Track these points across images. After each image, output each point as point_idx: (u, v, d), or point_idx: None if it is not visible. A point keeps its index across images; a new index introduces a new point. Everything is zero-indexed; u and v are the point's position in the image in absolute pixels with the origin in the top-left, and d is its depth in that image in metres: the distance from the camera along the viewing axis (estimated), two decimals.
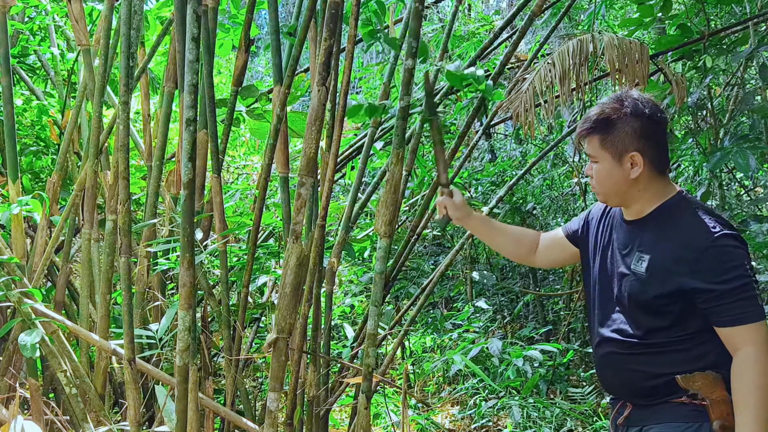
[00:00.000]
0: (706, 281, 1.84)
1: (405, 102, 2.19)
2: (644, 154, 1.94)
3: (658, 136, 1.97)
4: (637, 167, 1.95)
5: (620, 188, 2.00)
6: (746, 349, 1.82)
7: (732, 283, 1.82)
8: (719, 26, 4.21)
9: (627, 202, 2.05)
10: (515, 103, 3.17)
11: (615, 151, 1.96)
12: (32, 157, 4.24)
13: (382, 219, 2.13)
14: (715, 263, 1.84)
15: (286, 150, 3.05)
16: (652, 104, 1.98)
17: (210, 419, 3.03)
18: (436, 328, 5.88)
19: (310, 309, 2.76)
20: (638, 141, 1.94)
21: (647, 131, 1.94)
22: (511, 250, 2.44)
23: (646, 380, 1.99)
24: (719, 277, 1.83)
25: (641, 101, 1.97)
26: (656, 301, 1.93)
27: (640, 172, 1.95)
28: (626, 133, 1.94)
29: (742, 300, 1.82)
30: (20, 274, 3.07)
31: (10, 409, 2.71)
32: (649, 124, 1.94)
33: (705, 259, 1.85)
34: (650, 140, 1.95)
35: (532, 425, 4.45)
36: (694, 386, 1.90)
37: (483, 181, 6.49)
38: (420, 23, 2.12)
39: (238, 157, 6.93)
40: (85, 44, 3.37)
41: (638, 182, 1.97)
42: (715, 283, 1.83)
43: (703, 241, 1.86)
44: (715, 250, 1.84)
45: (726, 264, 1.84)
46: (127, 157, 2.76)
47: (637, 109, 1.95)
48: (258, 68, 12.74)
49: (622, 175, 1.97)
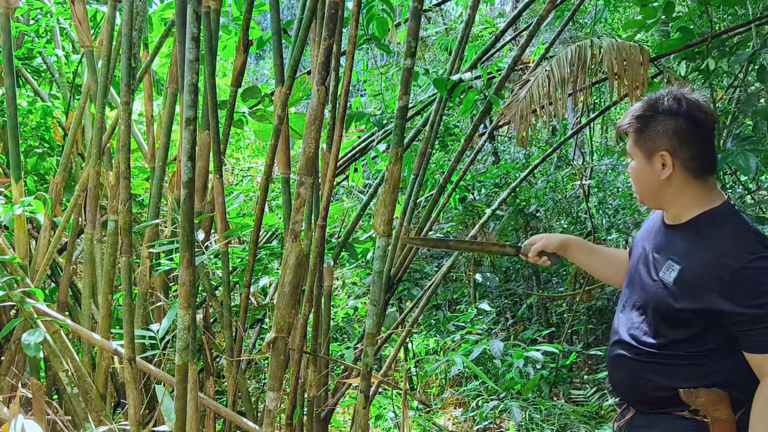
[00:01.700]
0: (738, 304, 1.74)
1: (403, 102, 2.20)
2: (675, 155, 1.85)
3: (696, 137, 1.85)
4: (667, 168, 1.86)
5: (652, 189, 1.92)
6: None
7: (766, 308, 1.71)
8: (722, 28, 4.20)
9: (662, 204, 1.97)
10: (512, 110, 3.17)
11: (646, 149, 1.89)
12: (37, 159, 4.26)
13: (381, 218, 2.14)
14: (750, 285, 1.73)
15: (288, 151, 3.06)
16: (694, 104, 1.86)
17: (211, 419, 3.04)
18: (439, 329, 5.88)
19: (310, 309, 2.77)
20: (670, 140, 1.84)
21: (682, 131, 1.84)
22: (610, 273, 2.32)
23: (653, 390, 1.94)
24: (752, 300, 1.73)
25: (683, 99, 1.86)
26: (680, 315, 1.85)
27: (670, 174, 1.86)
28: (658, 131, 1.86)
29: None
30: (23, 274, 3.08)
31: (10, 408, 2.73)
32: (685, 123, 1.84)
33: (738, 280, 1.74)
34: (685, 141, 1.84)
35: (535, 427, 4.44)
36: (697, 402, 1.85)
37: (486, 183, 6.49)
38: (419, 23, 2.13)
39: (242, 158, 6.95)
40: (89, 46, 3.39)
41: (670, 185, 1.89)
42: (747, 306, 1.73)
43: (738, 260, 1.75)
44: (750, 272, 1.73)
45: (761, 287, 1.73)
46: (128, 157, 2.77)
47: (675, 107, 1.85)
48: (264, 71, 12.78)
49: (652, 176, 1.89)
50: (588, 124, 5.36)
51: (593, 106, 6.26)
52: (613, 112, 7.62)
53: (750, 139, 3.67)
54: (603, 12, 5.34)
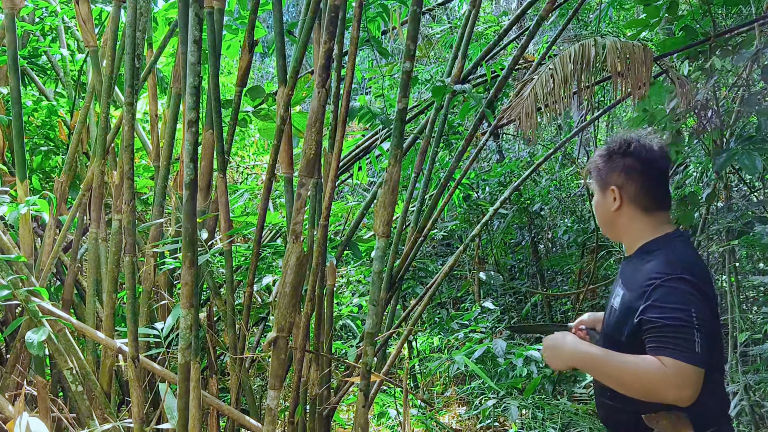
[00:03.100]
0: (647, 311, 1.88)
1: (403, 104, 2.21)
2: (623, 190, 2.08)
3: (642, 175, 2.07)
4: (616, 201, 2.09)
5: (607, 220, 2.17)
6: (662, 362, 1.83)
7: (674, 321, 1.83)
8: (726, 27, 4.19)
9: (618, 235, 2.18)
10: (516, 109, 3.18)
11: (601, 184, 2.14)
12: (42, 157, 4.29)
13: (381, 219, 2.15)
14: (661, 299, 1.87)
15: (291, 150, 3.07)
16: (645, 147, 2.09)
17: (214, 417, 3.06)
18: (443, 328, 5.89)
19: (312, 308, 2.78)
20: (619, 176, 2.08)
21: (629, 168, 2.07)
22: None
23: (619, 413, 2.05)
24: (663, 313, 1.86)
25: (635, 142, 2.10)
26: (623, 339, 1.99)
27: (619, 206, 2.09)
28: (611, 168, 2.10)
29: (679, 338, 1.82)
30: (28, 273, 3.11)
31: (16, 405, 2.75)
32: (633, 163, 2.07)
33: (655, 294, 1.89)
34: (631, 178, 2.07)
35: (538, 426, 4.45)
36: (658, 426, 1.94)
37: (491, 182, 6.49)
38: (418, 27, 2.14)
39: (247, 157, 6.97)
40: (93, 45, 3.40)
41: (620, 216, 2.11)
42: (655, 315, 1.87)
43: (659, 278, 1.91)
44: (664, 289, 1.89)
45: (673, 303, 1.86)
46: (132, 157, 2.79)
47: (626, 148, 2.09)
48: (269, 69, 12.78)
49: (606, 207, 2.13)
50: (592, 122, 5.36)
51: (598, 104, 6.25)
52: (619, 110, 7.60)
53: (754, 139, 3.67)
54: (607, 10, 5.32)
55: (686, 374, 1.78)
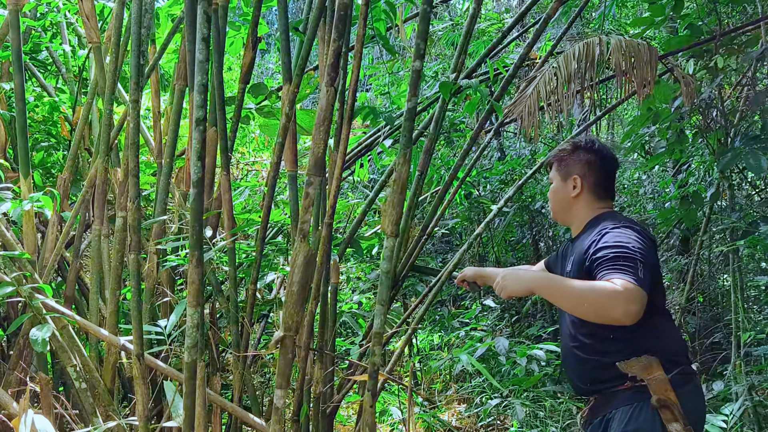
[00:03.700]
0: (598, 252, 2.14)
1: (412, 103, 2.20)
2: (585, 179, 2.43)
3: (601, 170, 2.44)
4: (576, 189, 2.43)
5: (563, 205, 2.49)
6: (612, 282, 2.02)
7: (621, 252, 2.10)
8: (731, 26, 4.18)
9: (569, 219, 2.51)
10: (519, 107, 3.18)
11: (564, 173, 2.47)
12: (44, 153, 4.27)
13: (389, 218, 2.14)
14: (609, 240, 2.15)
15: (295, 148, 3.06)
16: (605, 147, 2.50)
17: (217, 415, 3.05)
18: (443, 326, 5.89)
19: (317, 306, 2.77)
20: (582, 168, 2.44)
21: (591, 162, 2.44)
22: None
23: (596, 368, 2.26)
24: (610, 249, 2.12)
25: (597, 142, 2.50)
26: None
27: (578, 193, 2.43)
28: (574, 160, 2.46)
29: (626, 264, 2.06)
30: (31, 269, 3.09)
31: (20, 402, 2.74)
32: (595, 158, 2.44)
33: (601, 239, 2.18)
34: (592, 170, 2.43)
35: (539, 424, 4.45)
36: (632, 370, 2.14)
37: (492, 180, 6.48)
38: (428, 25, 2.13)
39: (247, 153, 6.95)
40: (96, 41, 3.39)
41: (577, 202, 2.45)
42: (604, 251, 2.13)
43: (605, 227, 2.24)
44: (610, 234, 2.18)
45: (616, 241, 2.14)
46: (137, 154, 2.77)
47: (590, 146, 2.46)
48: (269, 65, 12.76)
49: (565, 194, 2.47)
50: (597, 120, 5.35)
51: (599, 103, 6.24)
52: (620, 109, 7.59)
53: (759, 138, 3.67)
54: (611, 8, 5.31)
55: (632, 291, 1.99)
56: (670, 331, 2.28)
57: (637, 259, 2.07)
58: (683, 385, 2.15)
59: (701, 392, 2.29)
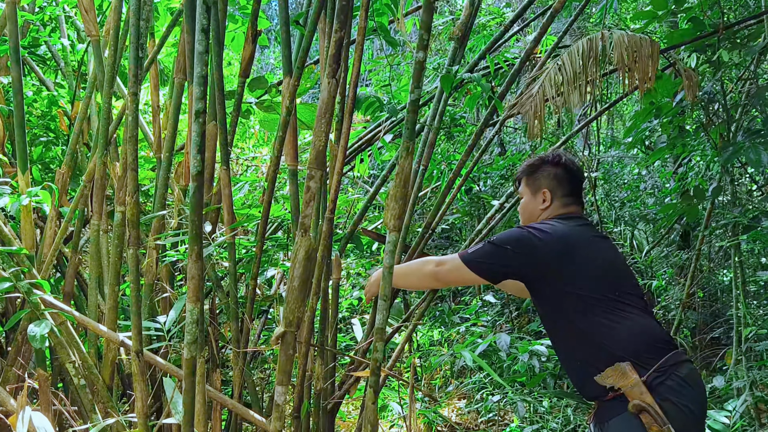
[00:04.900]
0: None
1: (416, 95, 2.17)
2: (554, 193, 2.53)
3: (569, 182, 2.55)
4: (546, 202, 2.54)
5: (533, 217, 2.57)
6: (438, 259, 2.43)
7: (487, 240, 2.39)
8: (733, 20, 4.15)
9: None
10: (525, 106, 3.16)
11: (533, 187, 2.58)
12: (42, 148, 4.24)
13: (391, 213, 2.12)
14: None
15: (296, 142, 3.04)
16: (570, 161, 2.61)
17: (217, 411, 3.03)
18: (443, 321, 5.87)
19: (318, 302, 2.75)
20: (550, 182, 2.55)
21: (560, 176, 2.55)
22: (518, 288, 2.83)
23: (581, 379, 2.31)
24: None
25: (563, 156, 2.60)
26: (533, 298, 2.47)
27: (547, 206, 2.53)
28: (543, 175, 2.57)
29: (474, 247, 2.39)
30: (29, 264, 3.07)
31: (18, 399, 2.72)
32: (563, 172, 2.55)
33: None
34: (562, 183, 2.54)
35: (540, 419, 4.44)
36: (608, 381, 2.17)
37: (492, 175, 6.46)
38: (431, 17, 2.11)
39: (247, 148, 6.92)
40: (95, 35, 3.36)
41: (545, 212, 2.54)
42: None
43: None
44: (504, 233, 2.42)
45: (503, 233, 2.40)
46: (136, 149, 2.75)
47: (556, 160, 2.57)
48: (269, 59, 12.72)
49: (535, 207, 2.57)
50: (599, 116, 5.33)
51: (601, 98, 6.22)
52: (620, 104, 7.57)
53: (761, 133, 3.65)
54: (612, 2, 5.28)
55: (452, 259, 2.31)
56: (619, 323, 2.21)
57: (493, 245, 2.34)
58: (663, 381, 2.13)
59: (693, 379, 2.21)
